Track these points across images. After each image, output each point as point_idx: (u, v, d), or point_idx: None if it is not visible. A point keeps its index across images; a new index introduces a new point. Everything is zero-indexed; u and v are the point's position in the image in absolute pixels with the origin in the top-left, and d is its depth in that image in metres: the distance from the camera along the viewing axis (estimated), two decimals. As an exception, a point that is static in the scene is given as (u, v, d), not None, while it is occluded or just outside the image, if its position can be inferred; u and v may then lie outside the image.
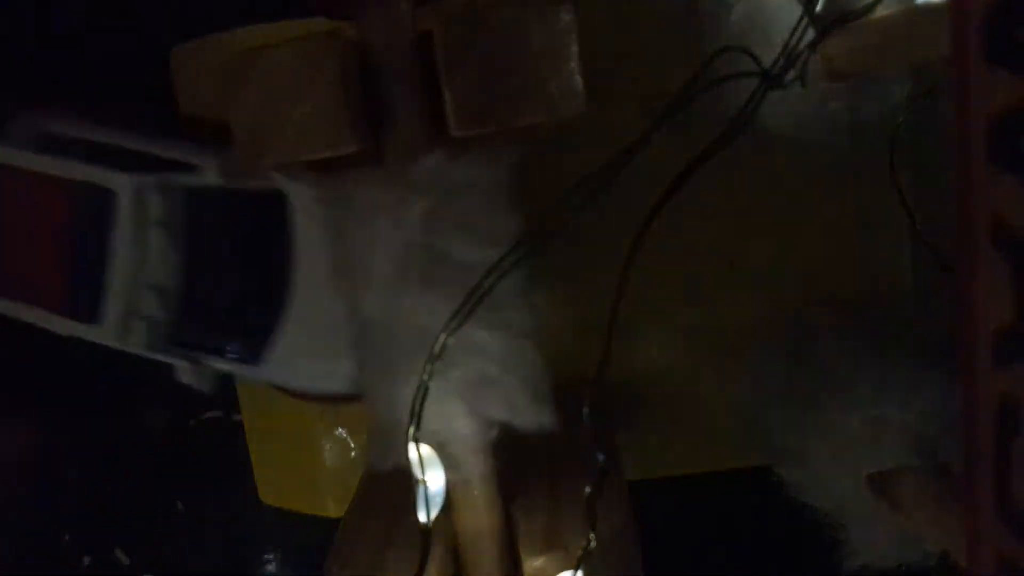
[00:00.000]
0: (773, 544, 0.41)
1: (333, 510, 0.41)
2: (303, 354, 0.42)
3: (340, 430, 0.40)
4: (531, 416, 0.29)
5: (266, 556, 0.46)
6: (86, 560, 0.45)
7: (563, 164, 0.36)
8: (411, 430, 0.28)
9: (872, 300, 0.37)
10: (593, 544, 0.27)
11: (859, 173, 0.36)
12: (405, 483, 0.29)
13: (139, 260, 0.43)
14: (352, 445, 0.40)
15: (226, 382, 0.45)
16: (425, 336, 0.28)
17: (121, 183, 0.41)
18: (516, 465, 0.32)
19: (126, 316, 0.43)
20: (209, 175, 0.42)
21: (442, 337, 0.28)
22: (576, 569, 0.27)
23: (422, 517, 0.29)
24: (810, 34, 0.30)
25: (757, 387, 0.35)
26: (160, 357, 0.44)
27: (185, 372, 0.44)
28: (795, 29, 0.29)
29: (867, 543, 0.30)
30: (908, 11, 0.27)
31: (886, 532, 0.30)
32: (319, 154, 0.27)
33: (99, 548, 0.45)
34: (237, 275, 0.45)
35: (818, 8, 0.30)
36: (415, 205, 0.28)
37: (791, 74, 0.30)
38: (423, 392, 0.28)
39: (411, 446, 0.29)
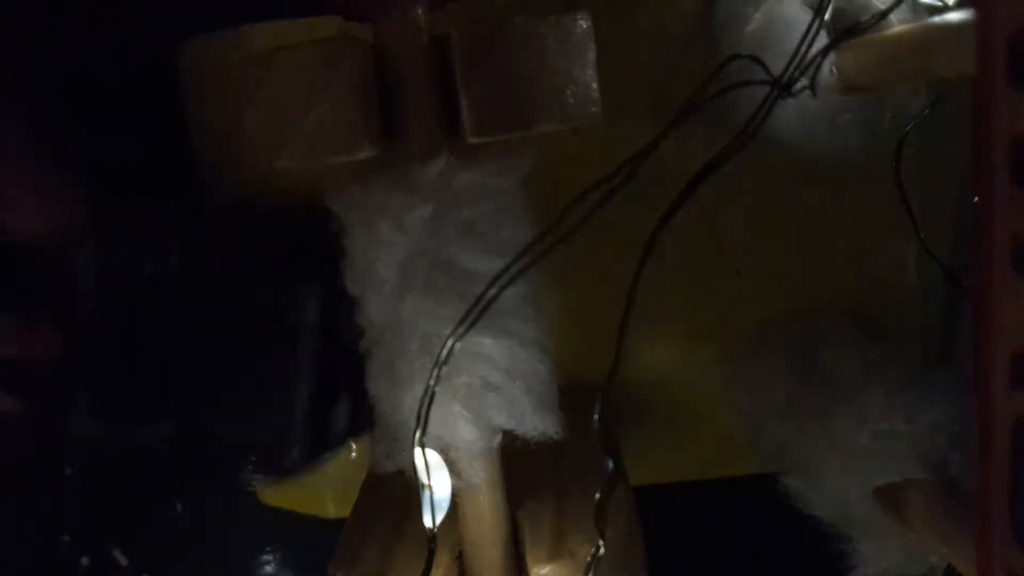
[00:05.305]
0: (778, 554, 0.41)
1: (333, 511, 0.41)
2: None
3: (342, 431, 0.40)
4: (536, 423, 0.29)
5: (265, 557, 0.46)
6: (84, 561, 0.45)
7: (573, 173, 0.36)
8: (417, 435, 0.28)
9: (880, 310, 0.37)
10: (602, 551, 0.27)
11: (869, 185, 0.36)
12: (409, 487, 0.29)
13: None
14: (353, 446, 0.40)
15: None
16: (429, 341, 0.27)
17: None
18: (522, 471, 0.32)
19: None
20: None
21: (449, 343, 0.27)
22: (584, 576, 0.27)
23: (428, 522, 0.29)
24: (821, 43, 0.30)
25: (763, 396, 0.35)
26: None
27: None
28: (804, 37, 0.29)
29: (873, 556, 0.30)
30: (923, 27, 0.27)
31: (893, 545, 0.30)
32: (333, 158, 0.26)
33: (97, 549, 0.45)
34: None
35: (827, 16, 0.30)
36: (421, 210, 0.28)
37: (801, 82, 0.30)
38: (430, 397, 0.28)
39: (417, 451, 0.28)
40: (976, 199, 0.20)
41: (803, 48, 0.28)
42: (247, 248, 0.33)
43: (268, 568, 0.45)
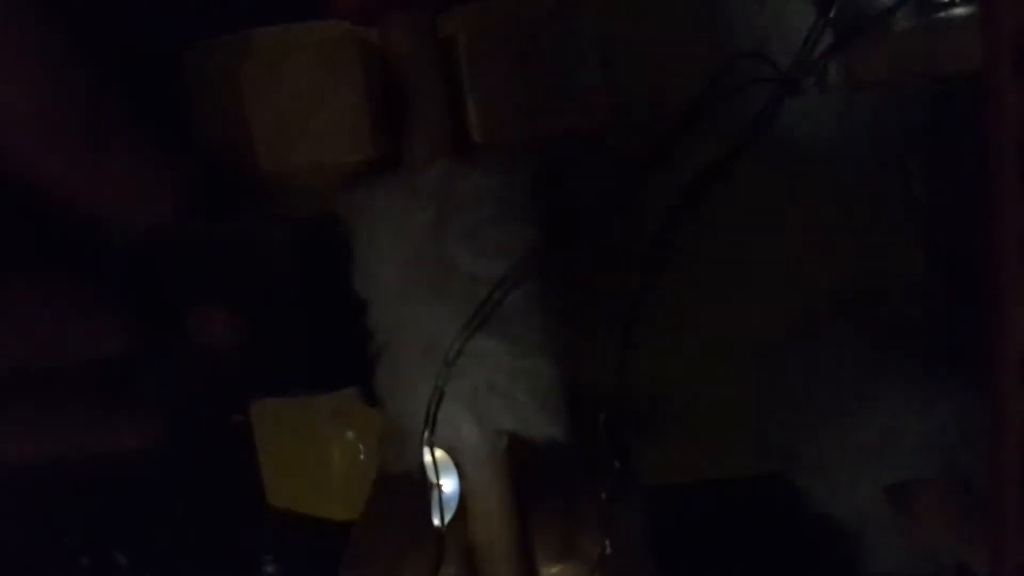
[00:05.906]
0: (788, 553, 0.41)
1: (340, 513, 0.41)
2: None
3: (349, 432, 0.40)
4: (542, 425, 0.29)
5: (265, 558, 0.46)
6: (84, 561, 0.45)
7: (578, 174, 0.36)
8: (425, 435, 0.28)
9: (887, 308, 0.37)
10: (609, 551, 0.27)
11: (876, 183, 0.36)
12: (418, 488, 0.29)
13: None
14: (361, 448, 0.40)
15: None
16: (433, 344, 0.28)
17: None
18: (530, 472, 0.32)
19: None
20: None
21: (456, 345, 0.27)
22: (592, 576, 0.27)
23: (437, 523, 0.29)
24: (828, 40, 0.30)
25: (771, 396, 0.35)
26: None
27: None
28: (811, 34, 0.29)
29: (883, 554, 0.30)
30: (930, 23, 0.27)
31: (903, 544, 0.30)
32: (341, 159, 0.26)
33: (97, 549, 0.45)
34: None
35: (831, 13, 0.30)
36: (423, 213, 0.28)
37: (809, 79, 0.30)
38: (438, 398, 0.28)
39: (426, 451, 0.29)
40: (984, 196, 0.20)
41: (809, 46, 0.28)
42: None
43: (267, 570, 0.45)
